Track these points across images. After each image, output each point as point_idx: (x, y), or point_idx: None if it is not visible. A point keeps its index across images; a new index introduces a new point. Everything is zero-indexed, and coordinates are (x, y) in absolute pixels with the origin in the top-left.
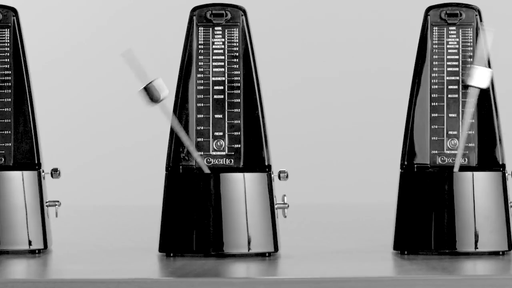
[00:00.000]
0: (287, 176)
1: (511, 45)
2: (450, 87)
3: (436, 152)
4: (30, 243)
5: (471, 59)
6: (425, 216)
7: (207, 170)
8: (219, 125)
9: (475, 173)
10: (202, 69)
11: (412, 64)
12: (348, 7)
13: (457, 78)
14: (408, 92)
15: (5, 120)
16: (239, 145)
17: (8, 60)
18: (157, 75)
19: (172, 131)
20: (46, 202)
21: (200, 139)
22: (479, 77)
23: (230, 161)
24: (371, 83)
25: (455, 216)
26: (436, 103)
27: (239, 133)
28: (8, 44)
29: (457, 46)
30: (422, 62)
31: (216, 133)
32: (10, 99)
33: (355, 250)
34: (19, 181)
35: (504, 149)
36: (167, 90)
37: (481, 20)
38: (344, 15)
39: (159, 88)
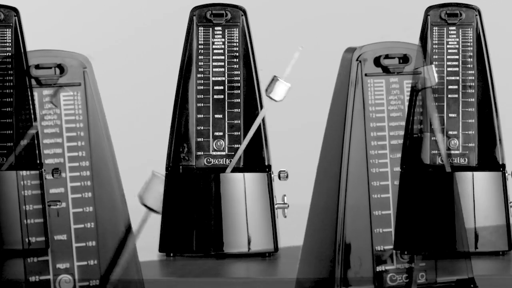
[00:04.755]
0: (287, 176)
1: (511, 45)
2: (450, 87)
3: (436, 152)
4: (29, 243)
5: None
6: (425, 216)
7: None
8: (219, 125)
9: (475, 173)
10: (202, 69)
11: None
12: (347, 6)
13: (457, 78)
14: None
15: (7, 120)
16: (239, 145)
17: (10, 60)
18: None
19: (172, 131)
20: (48, 202)
21: (200, 139)
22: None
23: (230, 161)
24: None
25: (455, 216)
26: (436, 103)
27: (239, 133)
28: (10, 44)
29: (457, 46)
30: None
31: (216, 133)
32: (11, 99)
33: None
34: (20, 181)
35: (504, 149)
36: None
37: (481, 20)
38: (343, 15)
39: None
